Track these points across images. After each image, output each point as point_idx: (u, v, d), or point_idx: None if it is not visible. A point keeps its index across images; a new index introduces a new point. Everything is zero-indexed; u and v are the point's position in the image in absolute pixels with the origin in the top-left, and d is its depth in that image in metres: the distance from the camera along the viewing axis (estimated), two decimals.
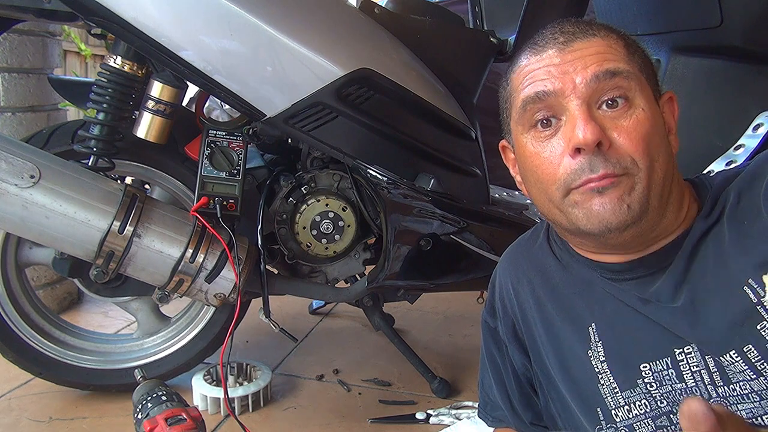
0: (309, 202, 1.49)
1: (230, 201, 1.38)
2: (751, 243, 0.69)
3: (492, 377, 0.95)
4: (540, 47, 0.74)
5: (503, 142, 0.86)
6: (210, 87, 1.31)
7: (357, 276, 1.66)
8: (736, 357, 0.68)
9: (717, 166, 1.40)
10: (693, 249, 0.73)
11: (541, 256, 0.89)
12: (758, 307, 0.67)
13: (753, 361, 0.67)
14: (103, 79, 1.36)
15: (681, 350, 0.72)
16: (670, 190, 0.73)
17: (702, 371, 0.71)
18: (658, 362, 0.74)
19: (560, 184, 0.72)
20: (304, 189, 1.51)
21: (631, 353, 0.76)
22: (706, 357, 0.70)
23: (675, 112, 0.78)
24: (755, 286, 0.67)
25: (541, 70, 0.73)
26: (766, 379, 0.66)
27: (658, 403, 0.74)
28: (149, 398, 1.05)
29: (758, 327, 0.67)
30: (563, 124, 0.72)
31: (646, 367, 0.74)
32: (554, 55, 0.72)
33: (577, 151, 0.69)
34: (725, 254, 0.71)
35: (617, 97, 0.70)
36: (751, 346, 0.67)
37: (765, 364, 0.66)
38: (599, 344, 0.79)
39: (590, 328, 0.80)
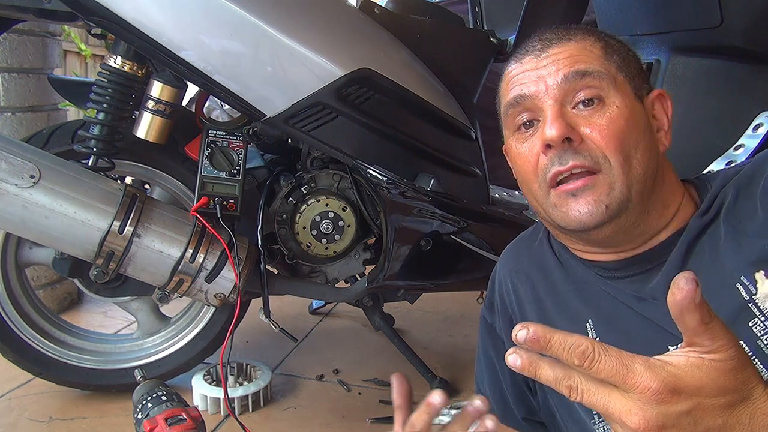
0: (309, 202, 1.49)
1: (230, 201, 1.38)
2: (745, 241, 0.69)
3: (485, 373, 0.96)
4: (521, 55, 0.79)
5: (505, 145, 0.88)
6: (210, 87, 1.32)
7: (357, 276, 1.66)
8: None
9: (717, 166, 1.40)
10: (689, 247, 0.73)
11: (541, 253, 0.89)
12: (750, 304, 0.67)
13: None
14: (103, 79, 1.36)
15: (675, 347, 0.72)
16: (653, 186, 0.74)
17: None
18: None
19: (540, 183, 0.75)
20: (304, 189, 1.51)
21: (626, 349, 0.76)
22: None
23: (668, 109, 0.79)
24: (747, 284, 0.67)
25: (520, 76, 0.77)
26: None
27: None
28: (149, 398, 1.05)
29: (749, 324, 0.67)
30: (540, 124, 0.75)
31: None
32: (531, 61, 0.77)
33: (548, 147, 0.72)
34: (720, 252, 0.71)
35: (593, 97, 0.73)
36: (742, 342, 0.67)
37: (756, 360, 0.66)
38: (596, 340, 0.79)
39: (587, 324, 0.80)
